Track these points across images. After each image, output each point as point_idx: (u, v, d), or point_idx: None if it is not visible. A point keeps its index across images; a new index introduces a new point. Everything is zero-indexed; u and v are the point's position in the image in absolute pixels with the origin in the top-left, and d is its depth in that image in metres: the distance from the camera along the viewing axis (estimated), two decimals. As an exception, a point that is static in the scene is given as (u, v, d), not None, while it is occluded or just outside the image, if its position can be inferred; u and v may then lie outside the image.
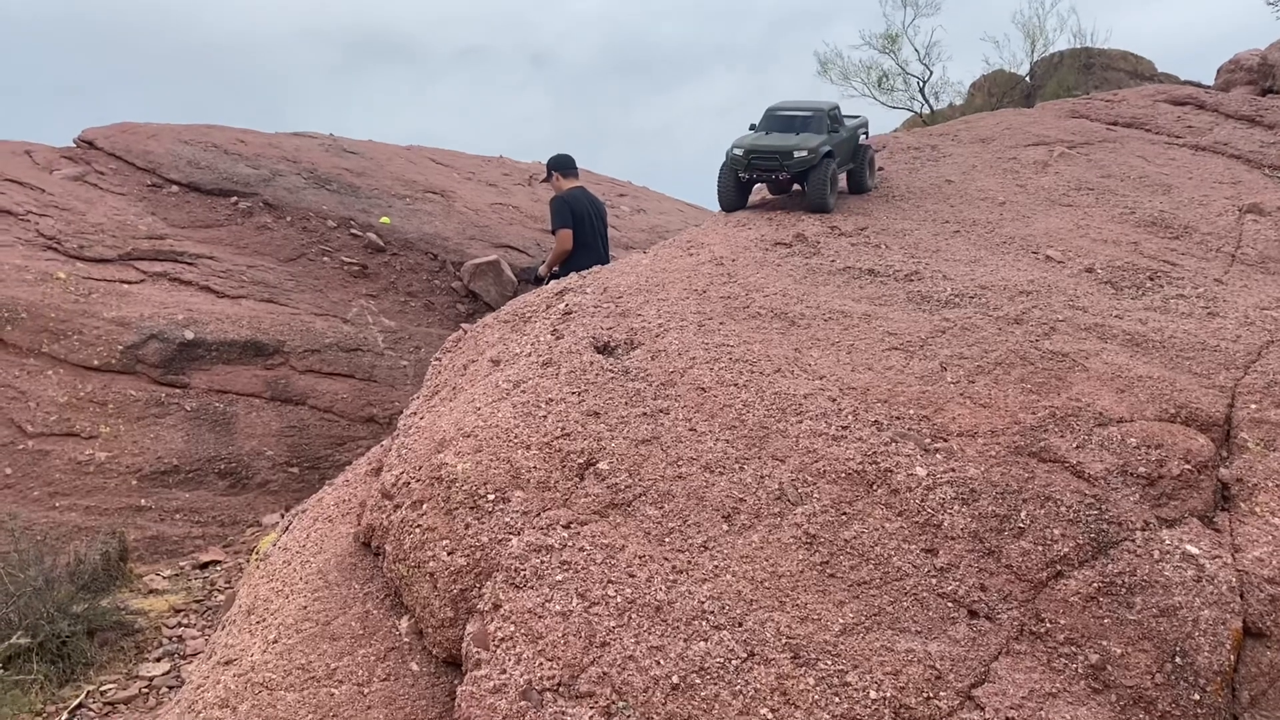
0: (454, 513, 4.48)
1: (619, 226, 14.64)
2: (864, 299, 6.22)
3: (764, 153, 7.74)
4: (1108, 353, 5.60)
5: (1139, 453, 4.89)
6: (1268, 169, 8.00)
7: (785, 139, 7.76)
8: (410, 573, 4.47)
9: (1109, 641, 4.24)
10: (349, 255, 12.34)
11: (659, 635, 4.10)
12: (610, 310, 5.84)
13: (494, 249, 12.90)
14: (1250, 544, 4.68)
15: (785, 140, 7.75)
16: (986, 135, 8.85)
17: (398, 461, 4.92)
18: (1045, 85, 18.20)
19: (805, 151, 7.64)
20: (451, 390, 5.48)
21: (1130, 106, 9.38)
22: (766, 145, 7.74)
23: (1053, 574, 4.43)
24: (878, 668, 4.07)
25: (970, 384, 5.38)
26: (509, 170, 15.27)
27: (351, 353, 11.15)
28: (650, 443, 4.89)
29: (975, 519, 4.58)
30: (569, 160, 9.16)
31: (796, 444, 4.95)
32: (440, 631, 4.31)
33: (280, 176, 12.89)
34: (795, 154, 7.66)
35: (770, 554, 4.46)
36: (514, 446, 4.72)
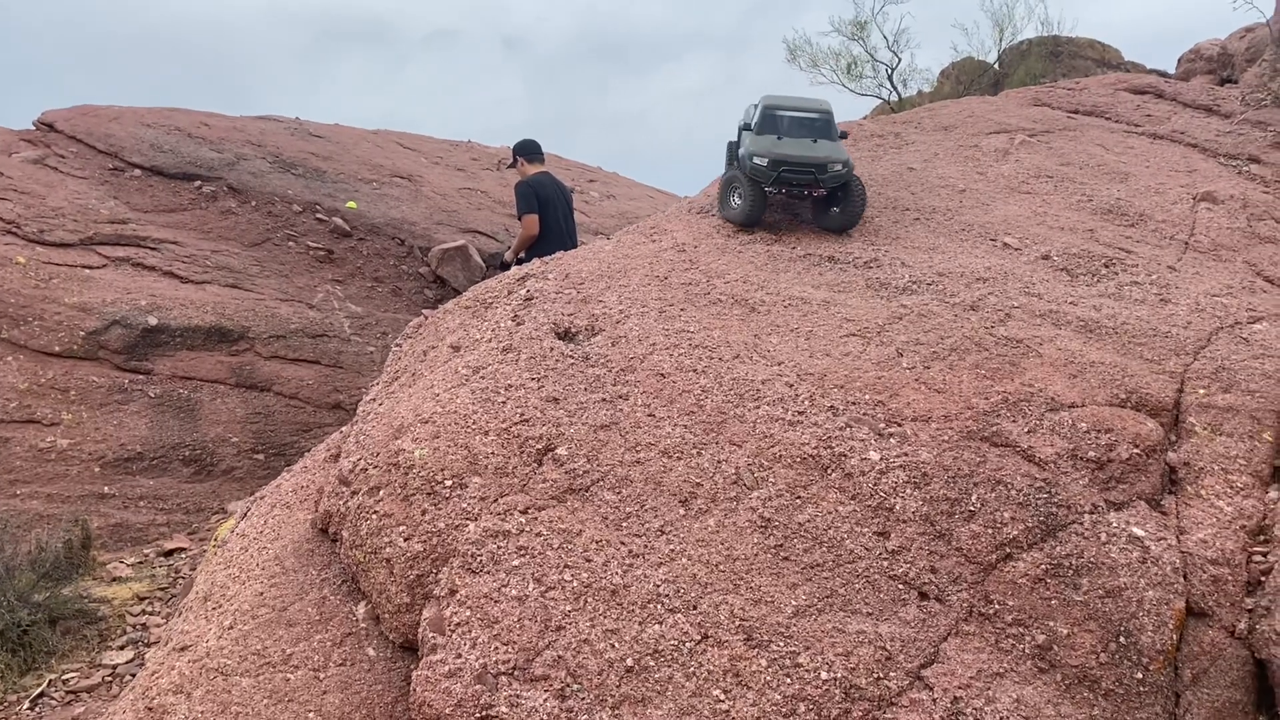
0: (411, 499, 4.49)
1: (588, 212, 14.63)
2: (823, 286, 6.27)
3: (796, 165, 6.87)
4: (1061, 339, 5.69)
5: (1089, 437, 4.97)
6: (1223, 158, 8.12)
7: (812, 148, 7.00)
8: (367, 559, 4.48)
9: (1055, 622, 4.33)
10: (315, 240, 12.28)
11: (614, 619, 4.15)
12: (572, 296, 5.86)
13: (462, 234, 12.87)
14: (1195, 526, 4.78)
15: (814, 150, 6.98)
16: (949, 123, 8.91)
17: (355, 448, 4.93)
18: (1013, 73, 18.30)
19: (840, 165, 6.91)
20: (411, 376, 5.49)
21: (1091, 95, 9.48)
22: (798, 156, 6.89)
23: (1002, 556, 4.50)
24: (829, 649, 4.14)
25: (925, 369, 5.45)
26: (477, 155, 15.21)
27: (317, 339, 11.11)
28: (609, 428, 4.92)
29: (927, 502, 4.65)
30: (535, 145, 9.15)
31: (753, 429, 4.99)
32: (397, 617, 4.33)
33: (245, 160, 12.79)
34: (830, 167, 6.89)
35: (726, 537, 4.51)
36: (472, 432, 4.74)
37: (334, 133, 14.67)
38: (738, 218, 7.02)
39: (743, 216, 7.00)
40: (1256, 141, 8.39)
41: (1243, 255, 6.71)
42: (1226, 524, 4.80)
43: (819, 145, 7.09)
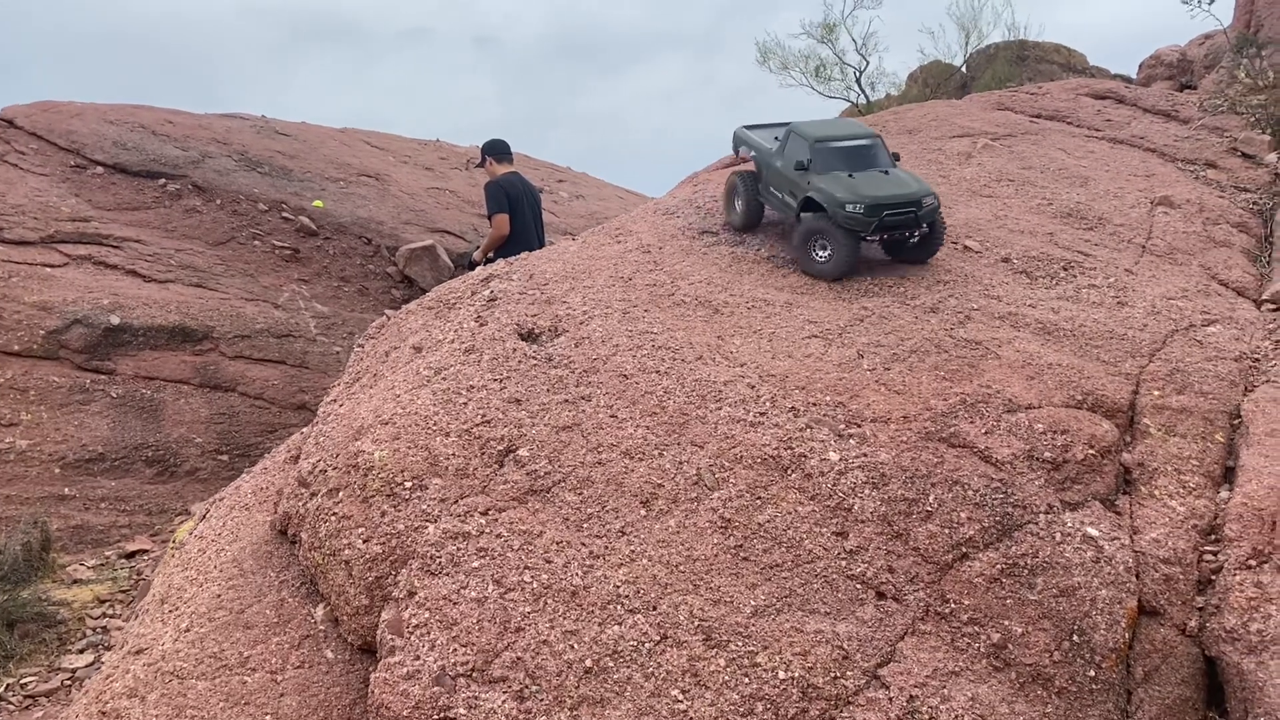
0: (370, 500, 4.48)
1: (557, 213, 14.61)
2: (787, 288, 6.30)
3: (899, 206, 6.11)
4: (1020, 341, 5.76)
5: (1045, 438, 5.04)
6: (1180, 163, 8.25)
7: (895, 182, 6.30)
8: (325, 561, 4.46)
9: (1010, 621, 4.39)
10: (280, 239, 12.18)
11: (574, 620, 4.15)
12: (536, 297, 5.86)
13: (430, 234, 12.81)
14: (1148, 526, 4.86)
15: (901, 184, 6.27)
16: (913, 126, 8.99)
17: (315, 449, 4.90)
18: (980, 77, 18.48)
19: (930, 197, 6.26)
20: (372, 377, 5.46)
21: (1054, 99, 9.60)
22: (894, 196, 6.14)
23: (958, 556, 4.56)
24: (787, 648, 4.17)
25: (886, 371, 5.50)
26: (446, 154, 15.15)
27: (283, 339, 11.02)
28: (571, 429, 4.93)
29: (885, 502, 4.69)
30: (503, 145, 9.14)
31: (715, 430, 5.02)
32: (355, 619, 4.32)
33: (210, 159, 12.67)
34: (925, 202, 6.22)
35: (686, 538, 4.53)
36: (433, 434, 4.73)
37: (301, 131, 14.55)
38: (831, 272, 6.26)
39: (837, 271, 6.25)
40: (1213, 147, 8.53)
41: (1198, 259, 6.82)
42: (1179, 524, 4.88)
43: (896, 177, 6.41)
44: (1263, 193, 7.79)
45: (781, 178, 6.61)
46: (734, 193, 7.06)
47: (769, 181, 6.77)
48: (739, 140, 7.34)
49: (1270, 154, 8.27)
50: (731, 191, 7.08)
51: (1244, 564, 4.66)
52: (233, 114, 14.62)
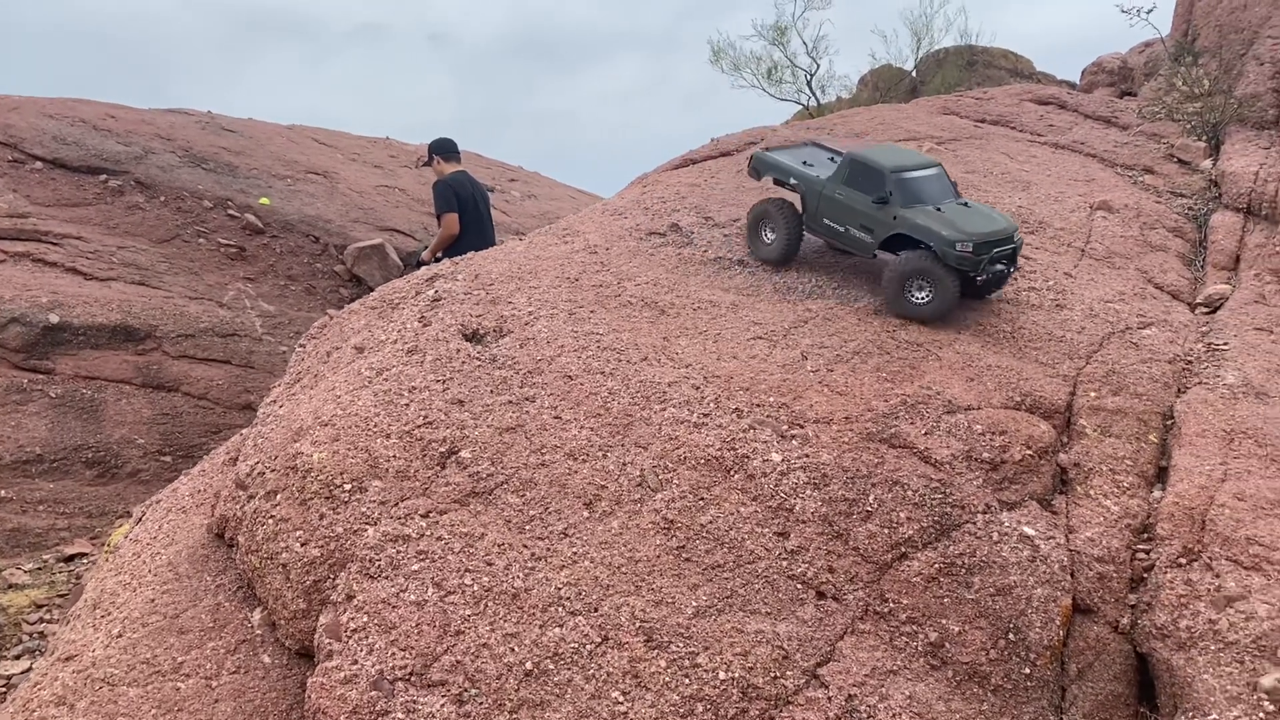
0: (309, 503, 4.42)
1: (509, 212, 14.55)
2: (733, 289, 6.33)
3: (1001, 243, 5.93)
4: (960, 342, 5.83)
5: (984, 439, 5.11)
6: (1120, 168, 8.42)
7: (984, 217, 6.06)
8: (263, 564, 4.40)
9: (948, 620, 4.44)
10: (226, 237, 12.00)
11: (514, 622, 4.14)
12: (480, 298, 5.82)
13: (379, 232, 12.69)
14: (1083, 525, 4.95)
15: (991, 219, 6.05)
16: (860, 130, 9.08)
17: (253, 451, 4.83)
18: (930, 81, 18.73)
19: (1018, 232, 6.14)
20: (313, 378, 5.40)
21: (998, 105, 9.74)
22: (997, 232, 5.93)
23: (897, 555, 4.60)
24: (728, 649, 4.18)
25: (829, 372, 5.54)
26: (395, 152, 15.02)
27: (228, 338, 10.86)
28: (514, 430, 4.91)
29: (826, 503, 4.73)
30: (451, 144, 9.09)
31: (659, 431, 5.02)
32: (293, 623, 4.26)
33: (153, 154, 12.44)
34: (1016, 237, 6.09)
35: (629, 539, 4.53)
36: (373, 435, 4.68)
37: (248, 127, 14.34)
38: (930, 314, 5.92)
39: (937, 313, 5.92)
40: (1151, 153, 8.72)
41: (1135, 263, 6.97)
42: (1113, 523, 4.98)
43: (980, 211, 6.19)
44: (1197, 198, 7.98)
45: (846, 210, 6.23)
46: (765, 222, 6.58)
47: (822, 213, 6.36)
48: (764, 166, 6.82)
49: (1205, 160, 8.47)
50: (762, 221, 6.59)
51: (1175, 562, 4.77)
52: (177, 109, 14.37)
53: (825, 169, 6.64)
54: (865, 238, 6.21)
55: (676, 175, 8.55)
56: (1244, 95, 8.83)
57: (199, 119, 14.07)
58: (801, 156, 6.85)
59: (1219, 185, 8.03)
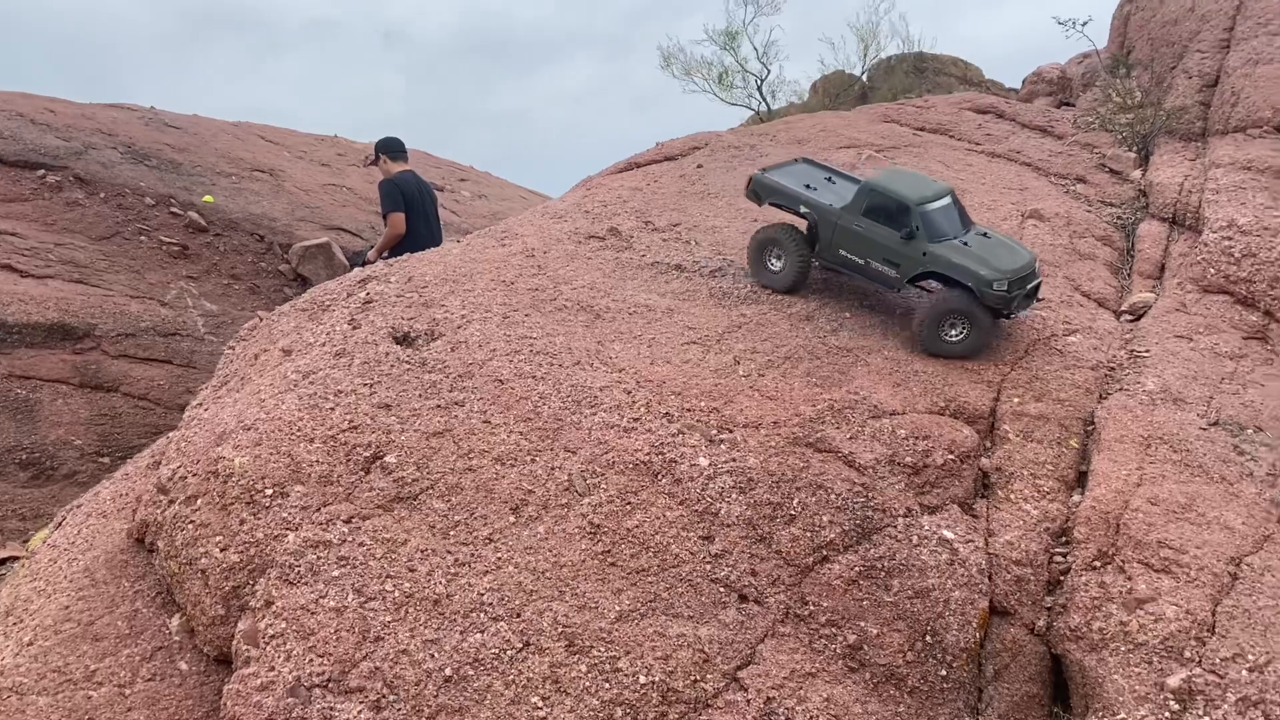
0: (229, 508, 4.38)
1: (459, 212, 14.49)
2: (669, 294, 6.37)
3: (1028, 278, 5.96)
4: (889, 349, 5.92)
5: (907, 443, 5.19)
6: (1053, 177, 8.58)
7: (1011, 250, 6.07)
8: (182, 570, 4.35)
9: (867, 622, 4.51)
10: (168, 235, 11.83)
11: (435, 628, 4.14)
12: (413, 300, 5.80)
13: (325, 231, 12.57)
14: (1003, 529, 5.05)
15: (1016, 253, 6.04)
16: (803, 137, 9.17)
17: (176, 455, 4.78)
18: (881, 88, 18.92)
19: (1038, 260, 6.14)
20: (240, 381, 5.35)
21: (937, 113, 9.88)
22: (1024, 267, 5.92)
23: (819, 559, 4.67)
24: (649, 653, 4.22)
25: (760, 377, 5.60)
26: (344, 150, 14.89)
27: (169, 337, 10.70)
28: (442, 435, 4.90)
29: (751, 507, 4.78)
30: (398, 143, 9.03)
31: (589, 436, 5.04)
32: (211, 630, 4.23)
33: (94, 150, 12.22)
34: (1038, 269, 6.11)
35: (554, 545, 4.54)
36: (297, 440, 4.65)
37: (192, 123, 14.14)
38: (965, 352, 5.89)
39: (973, 351, 5.91)
40: (1084, 162, 8.90)
41: (1064, 270, 7.11)
42: (1032, 526, 5.08)
43: (1002, 243, 6.16)
44: (1127, 208, 8.15)
45: (868, 243, 6.08)
46: (771, 249, 6.39)
47: (838, 244, 6.19)
48: (766, 190, 6.57)
49: (1135, 170, 8.66)
50: (767, 248, 6.40)
51: (1090, 565, 4.88)
52: (119, 104, 14.13)
53: (829, 193, 6.47)
54: (890, 272, 6.08)
55: (620, 179, 8.58)
56: (1173, 107, 9.04)
57: (142, 114, 13.84)
58: (800, 178, 6.65)
59: (1147, 195, 8.21)
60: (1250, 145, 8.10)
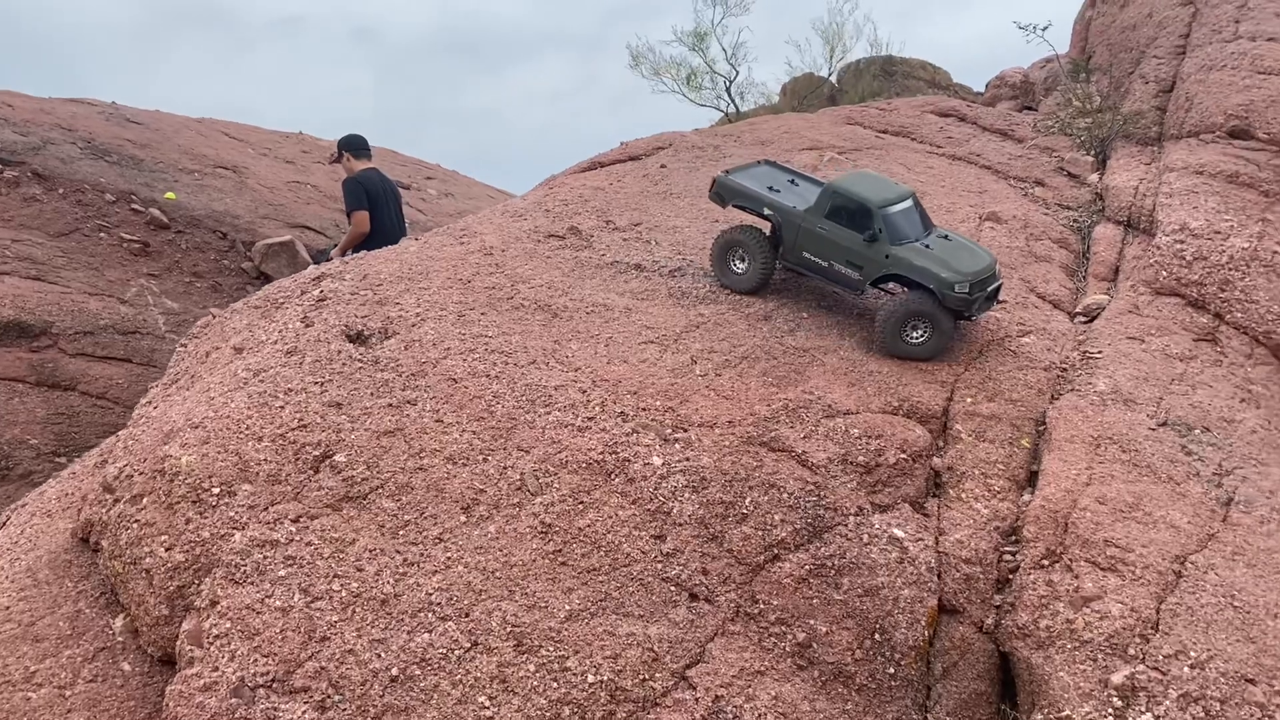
0: (175, 507, 4.34)
1: (425, 211, 14.41)
2: (628, 293, 6.37)
3: (989, 280, 6.04)
4: (845, 349, 5.95)
5: (860, 443, 5.22)
6: (1012, 180, 8.67)
7: (971, 252, 6.15)
8: (126, 569, 4.30)
9: (816, 620, 4.53)
10: (129, 232, 11.69)
11: (382, 628, 4.11)
12: (367, 298, 5.77)
13: (289, 229, 12.46)
14: (953, 527, 5.09)
15: (977, 255, 6.12)
16: (767, 138, 9.20)
17: (123, 453, 4.73)
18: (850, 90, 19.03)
19: (998, 264, 6.16)
20: (190, 379, 5.29)
21: (900, 116, 9.96)
22: (985, 269, 6.01)
23: (770, 557, 4.68)
24: (598, 652, 4.21)
25: (717, 377, 5.61)
26: (309, 147, 14.78)
27: (129, 335, 10.58)
28: (393, 434, 4.87)
29: (703, 506, 4.79)
30: (362, 141, 8.97)
31: (542, 435, 5.03)
32: (155, 630, 4.18)
33: (52, 145, 12.05)
34: (999, 271, 6.16)
35: (505, 544, 4.53)
36: (245, 438, 4.61)
37: (154, 119, 13.98)
38: (928, 354, 5.96)
39: (935, 352, 5.97)
40: (1043, 166, 9.00)
41: (1019, 272, 7.18)
42: (982, 525, 5.12)
43: (962, 244, 6.23)
44: (1083, 211, 8.25)
45: (831, 245, 6.10)
46: (734, 251, 6.38)
47: (802, 246, 6.21)
48: (729, 192, 6.55)
49: (1092, 174, 8.76)
50: (730, 249, 6.39)
51: (1038, 563, 4.93)
52: (79, 99, 13.95)
53: (792, 195, 6.48)
54: (853, 274, 6.10)
55: (582, 178, 8.57)
56: (1130, 112, 9.16)
57: (102, 109, 13.67)
58: (763, 180, 6.65)
59: (1103, 198, 8.31)
60: (1203, 150, 8.22)
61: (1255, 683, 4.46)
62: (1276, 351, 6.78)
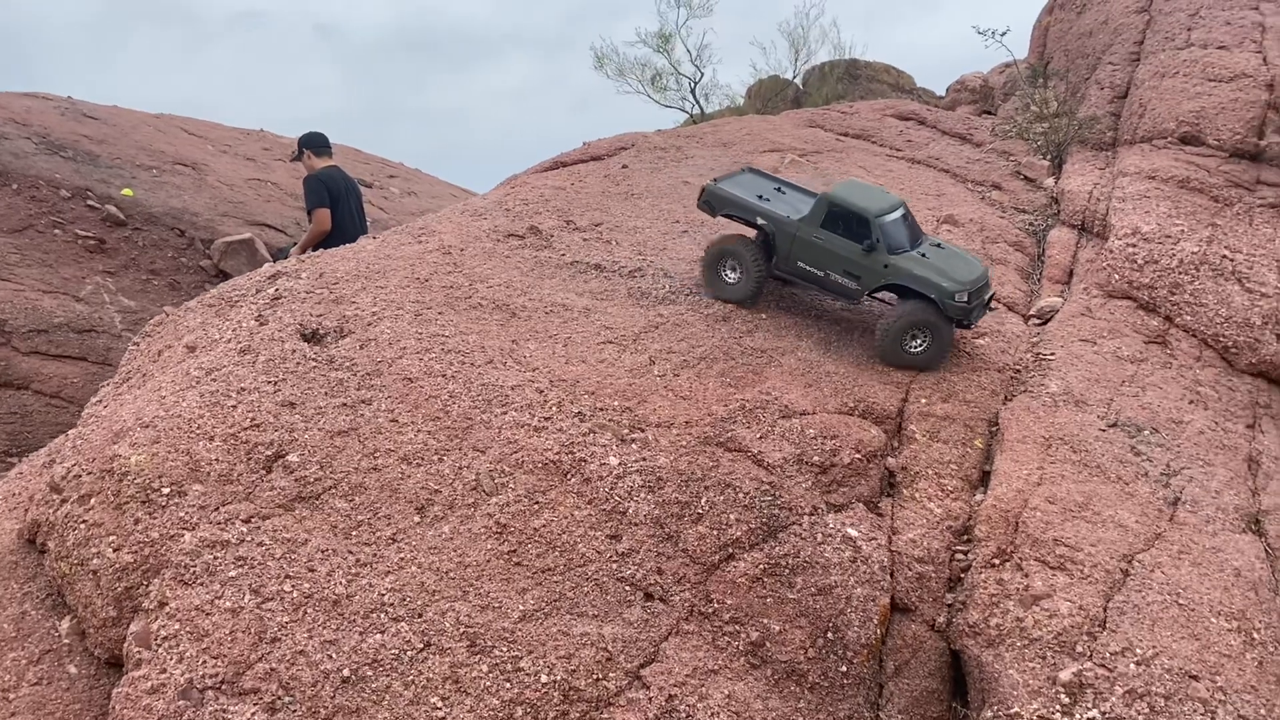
0: (124, 507, 4.28)
1: (387, 209, 14.32)
2: (587, 293, 6.37)
3: (984, 288, 6.19)
4: (803, 350, 5.99)
5: (816, 443, 5.26)
6: (970, 183, 8.78)
7: (966, 261, 6.26)
8: (73, 571, 4.24)
9: (770, 619, 4.56)
10: (85, 228, 11.52)
11: (334, 629, 4.08)
12: (323, 296, 5.73)
13: (249, 227, 12.34)
14: (906, 527, 5.14)
15: (970, 264, 6.23)
16: (729, 139, 9.24)
17: (71, 453, 4.66)
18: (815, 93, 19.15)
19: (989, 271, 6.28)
20: (142, 377, 5.23)
21: (861, 119, 10.04)
22: (980, 278, 6.11)
23: (724, 557, 4.71)
24: (552, 652, 4.21)
25: (675, 377, 5.63)
26: (270, 144, 14.64)
27: (84, 334, 10.44)
28: (347, 434, 4.84)
29: (659, 506, 4.80)
30: (322, 138, 8.89)
31: (499, 435, 5.02)
32: (102, 632, 4.12)
33: (6, 140, 11.86)
34: (990, 279, 6.31)
35: (459, 544, 4.52)
36: (196, 438, 4.56)
37: (111, 115, 13.78)
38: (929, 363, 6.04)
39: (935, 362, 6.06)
40: (1000, 170, 9.12)
41: (976, 275, 7.26)
42: (935, 524, 5.18)
43: (956, 253, 6.34)
44: (1039, 214, 8.37)
45: (827, 255, 6.10)
46: (726, 261, 6.32)
47: (796, 256, 6.19)
48: (720, 201, 6.46)
49: (1048, 178, 8.90)
50: (722, 260, 6.32)
51: (989, 562, 4.99)
52: (34, 93, 13.72)
53: (782, 204, 6.44)
54: (850, 284, 6.11)
55: (544, 178, 8.56)
56: (1085, 117, 9.31)
57: (58, 104, 13.45)
58: (751, 188, 6.61)
59: (1058, 202, 8.44)
60: (1156, 155, 8.37)
61: (1199, 679, 4.55)
62: (1224, 354, 6.93)
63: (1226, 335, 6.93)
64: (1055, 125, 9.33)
